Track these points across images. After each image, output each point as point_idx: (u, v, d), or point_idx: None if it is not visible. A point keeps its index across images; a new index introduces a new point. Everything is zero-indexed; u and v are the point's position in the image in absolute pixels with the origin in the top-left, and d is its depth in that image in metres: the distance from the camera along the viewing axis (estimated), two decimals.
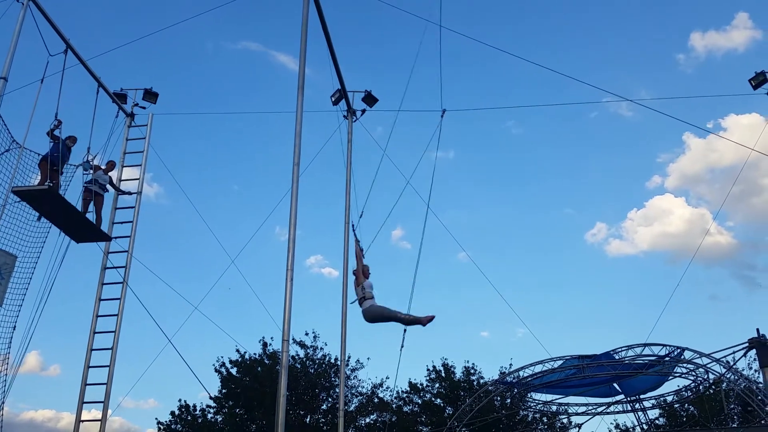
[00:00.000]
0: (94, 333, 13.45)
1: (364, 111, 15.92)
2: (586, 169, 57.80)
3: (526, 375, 23.08)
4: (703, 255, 56.39)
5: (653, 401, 25.81)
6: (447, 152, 54.48)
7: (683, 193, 60.48)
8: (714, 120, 54.06)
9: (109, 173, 13.76)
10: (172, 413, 28.49)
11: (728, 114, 54.93)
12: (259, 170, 55.18)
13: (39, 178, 11.94)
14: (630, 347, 21.66)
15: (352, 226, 10.80)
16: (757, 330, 14.49)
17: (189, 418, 28.37)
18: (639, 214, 57.85)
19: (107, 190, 13.68)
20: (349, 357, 28.06)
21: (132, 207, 14.59)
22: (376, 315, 9.19)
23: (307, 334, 29.23)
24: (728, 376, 20.83)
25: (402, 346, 11.64)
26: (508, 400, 27.35)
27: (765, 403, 19.41)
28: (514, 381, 24.00)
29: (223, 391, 28.34)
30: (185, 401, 28.72)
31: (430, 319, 9.12)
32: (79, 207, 12.49)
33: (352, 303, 9.86)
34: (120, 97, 15.17)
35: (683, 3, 58.95)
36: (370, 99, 15.82)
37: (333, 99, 15.63)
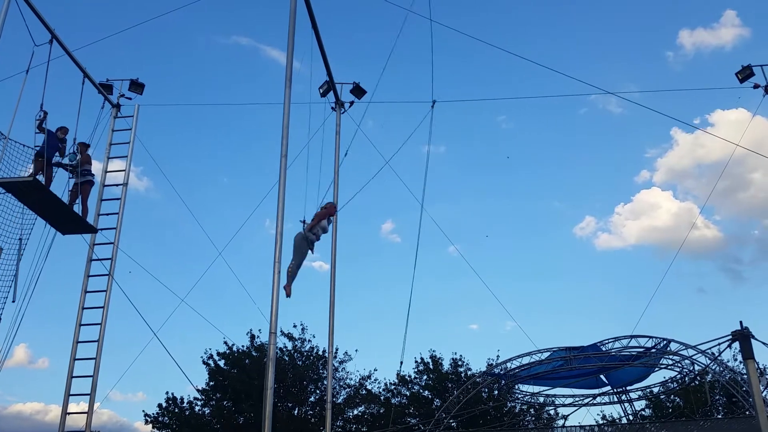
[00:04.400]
0: (80, 325, 13.40)
1: (352, 103, 15.89)
2: (575, 164, 58.12)
3: (513, 367, 23.18)
4: (690, 249, 56.83)
5: (639, 392, 25.98)
6: (438, 146, 54.52)
7: (670, 187, 60.92)
8: (701, 116, 54.51)
9: (84, 154, 13.46)
10: (159, 406, 28.44)
11: (715, 110, 55.26)
12: (248, 162, 55.04)
13: (30, 170, 11.85)
14: (617, 339, 21.78)
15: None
16: (741, 323, 14.59)
17: (176, 410, 28.31)
18: (627, 208, 58.24)
19: (93, 174, 13.47)
20: (336, 349, 28.12)
21: (118, 199, 14.51)
22: (296, 244, 11.22)
23: (295, 326, 29.28)
24: (713, 367, 21.02)
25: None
26: (496, 392, 27.48)
27: (749, 395, 19.61)
28: (501, 373, 24.11)
29: (211, 383, 28.30)
30: (172, 394, 28.69)
31: (287, 292, 10.67)
32: (65, 199, 12.41)
33: (301, 220, 11.77)
34: (106, 88, 15.05)
35: (672, 0, 59.25)
36: (358, 91, 15.79)
37: (321, 91, 15.59)
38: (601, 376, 24.41)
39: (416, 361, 30.37)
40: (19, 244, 12.21)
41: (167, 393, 28.68)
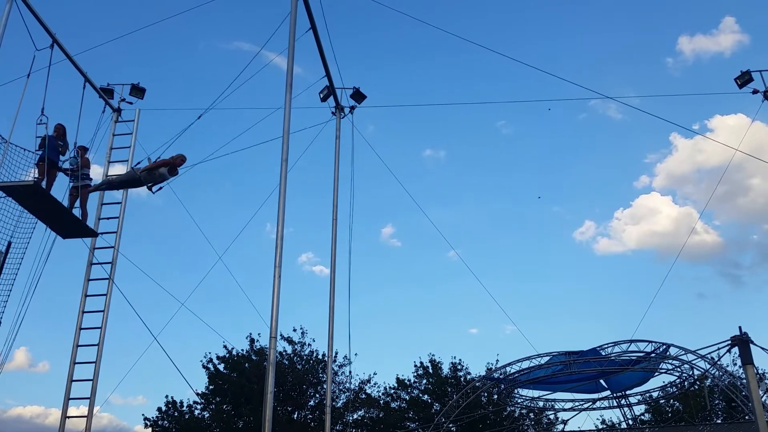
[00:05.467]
0: (81, 329, 13.40)
1: (353, 108, 15.90)
2: (574, 169, 58.23)
3: (513, 371, 23.20)
4: (690, 253, 56.91)
5: (639, 397, 26.05)
6: (438, 151, 54.59)
7: (670, 192, 61.02)
8: (700, 121, 54.56)
9: (83, 157, 13.48)
10: (159, 409, 28.43)
11: (714, 115, 55.42)
12: (250, 167, 55.10)
13: (32, 174, 11.85)
14: (616, 343, 21.81)
15: None
16: (740, 328, 14.61)
17: (176, 414, 28.29)
18: (626, 213, 58.33)
19: (91, 177, 13.49)
20: (336, 353, 28.10)
21: (119, 203, 14.52)
22: (128, 177, 11.89)
23: (294, 330, 29.27)
24: (713, 372, 21.04)
25: None
26: (495, 396, 27.48)
27: (749, 399, 19.61)
28: (500, 377, 24.11)
29: (211, 387, 28.29)
30: (172, 397, 28.68)
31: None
32: (65, 203, 12.42)
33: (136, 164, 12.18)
34: (107, 93, 15.05)
35: (671, 7, 59.42)
36: (358, 96, 15.79)
37: (321, 96, 15.59)
38: (601, 381, 24.44)
39: (416, 365, 30.40)
40: (7, 247, 12.17)
41: (167, 397, 28.71)
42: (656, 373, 23.60)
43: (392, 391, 30.14)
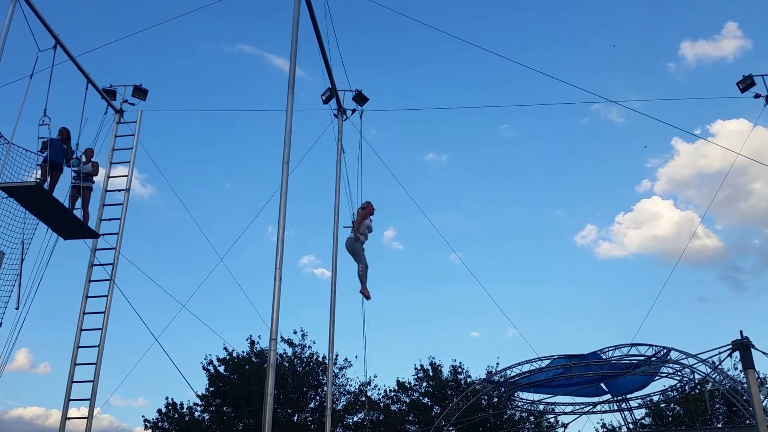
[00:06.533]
0: (81, 330, 13.39)
1: (354, 110, 15.88)
2: (576, 173, 58.27)
3: (513, 374, 23.17)
4: (691, 258, 56.86)
5: (639, 401, 25.97)
6: (440, 155, 54.59)
7: (671, 196, 61.01)
8: (702, 126, 54.53)
9: (90, 161, 13.56)
10: (159, 411, 28.41)
11: (716, 120, 55.39)
12: (252, 169, 55.18)
13: (35, 175, 11.86)
14: (617, 347, 21.77)
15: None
16: (741, 332, 14.60)
17: (176, 416, 28.28)
18: (628, 217, 58.30)
19: (93, 181, 13.55)
20: (337, 355, 28.12)
21: (120, 204, 14.53)
22: (351, 250, 11.72)
23: (295, 332, 29.27)
24: (714, 376, 21.01)
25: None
26: (496, 399, 27.45)
27: (749, 403, 19.59)
28: (501, 380, 24.09)
29: (211, 389, 28.28)
30: (172, 399, 28.68)
31: (364, 294, 11.61)
32: (66, 204, 12.43)
33: (345, 226, 12.35)
34: (109, 94, 15.07)
35: (674, 12, 59.46)
36: (360, 98, 15.76)
37: (324, 98, 15.56)
38: (602, 384, 24.39)
39: (416, 368, 30.38)
40: (21, 247, 12.21)
41: (167, 398, 28.70)
42: (657, 377, 23.57)
43: (392, 393, 30.14)
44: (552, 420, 29.31)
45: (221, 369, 28.50)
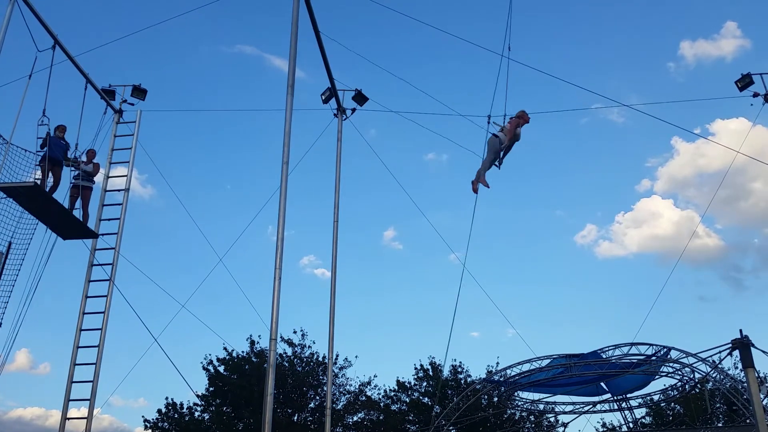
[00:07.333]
0: (81, 330, 13.38)
1: (354, 110, 15.88)
2: (576, 172, 58.25)
3: (513, 374, 23.17)
4: (691, 257, 56.89)
5: (639, 400, 25.98)
6: (440, 155, 54.59)
7: (671, 196, 61.04)
8: (702, 125, 54.56)
9: (92, 162, 13.56)
10: (159, 411, 28.38)
11: (715, 119, 55.40)
12: (252, 169, 55.19)
13: (35, 175, 11.86)
14: (617, 346, 21.79)
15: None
16: (740, 331, 14.61)
17: (176, 416, 28.26)
18: (628, 217, 58.33)
19: (94, 182, 13.55)
20: (337, 355, 28.10)
21: (120, 204, 14.52)
22: (490, 144, 12.01)
23: (295, 332, 29.24)
24: (714, 375, 21.01)
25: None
26: (496, 399, 27.45)
27: (749, 402, 19.59)
28: (501, 380, 24.09)
29: (211, 389, 28.25)
30: (172, 399, 28.65)
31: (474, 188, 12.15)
32: (66, 204, 12.42)
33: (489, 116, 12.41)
34: (108, 94, 15.06)
35: (673, 12, 59.47)
36: (360, 98, 15.77)
37: (323, 97, 15.57)
38: (602, 384, 24.40)
39: (416, 368, 30.37)
40: (8, 247, 12.15)
41: (167, 398, 28.67)
42: (657, 376, 23.58)
43: (392, 393, 30.14)
44: (552, 419, 29.34)
45: (221, 369, 28.47)
